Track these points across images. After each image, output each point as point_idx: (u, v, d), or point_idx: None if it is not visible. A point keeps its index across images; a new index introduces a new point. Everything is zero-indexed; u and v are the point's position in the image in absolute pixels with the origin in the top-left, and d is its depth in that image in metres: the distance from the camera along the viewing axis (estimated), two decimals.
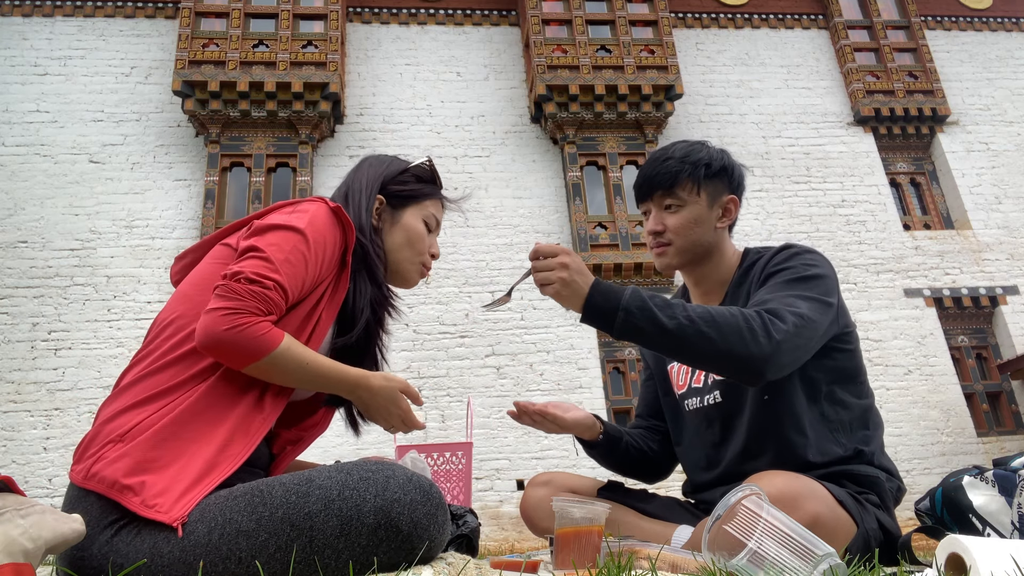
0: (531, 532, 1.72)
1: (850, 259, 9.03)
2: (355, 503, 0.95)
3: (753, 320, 1.28)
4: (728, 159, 1.61)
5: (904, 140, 9.97)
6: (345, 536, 0.94)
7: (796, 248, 1.54)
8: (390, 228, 1.39)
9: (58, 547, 0.87)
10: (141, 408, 1.05)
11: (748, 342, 1.26)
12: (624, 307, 1.28)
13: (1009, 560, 0.88)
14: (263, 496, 0.98)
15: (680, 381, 1.67)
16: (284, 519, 0.95)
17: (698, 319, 1.27)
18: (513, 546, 6.38)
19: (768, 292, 1.42)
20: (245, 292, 1.08)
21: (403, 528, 0.95)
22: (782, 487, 1.20)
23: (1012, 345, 8.75)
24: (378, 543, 0.94)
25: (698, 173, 1.54)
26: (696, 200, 1.55)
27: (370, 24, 9.76)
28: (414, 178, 1.43)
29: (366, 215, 1.34)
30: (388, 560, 0.95)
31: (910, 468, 8.02)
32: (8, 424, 7.33)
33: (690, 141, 1.62)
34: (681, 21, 10.31)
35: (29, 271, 7.92)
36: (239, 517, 0.97)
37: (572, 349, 8.28)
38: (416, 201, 1.42)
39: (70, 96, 8.78)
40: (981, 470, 1.53)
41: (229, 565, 0.95)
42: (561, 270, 1.30)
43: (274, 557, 0.94)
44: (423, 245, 1.41)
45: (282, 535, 0.95)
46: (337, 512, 0.94)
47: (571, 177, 8.88)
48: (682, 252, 1.58)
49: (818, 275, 1.45)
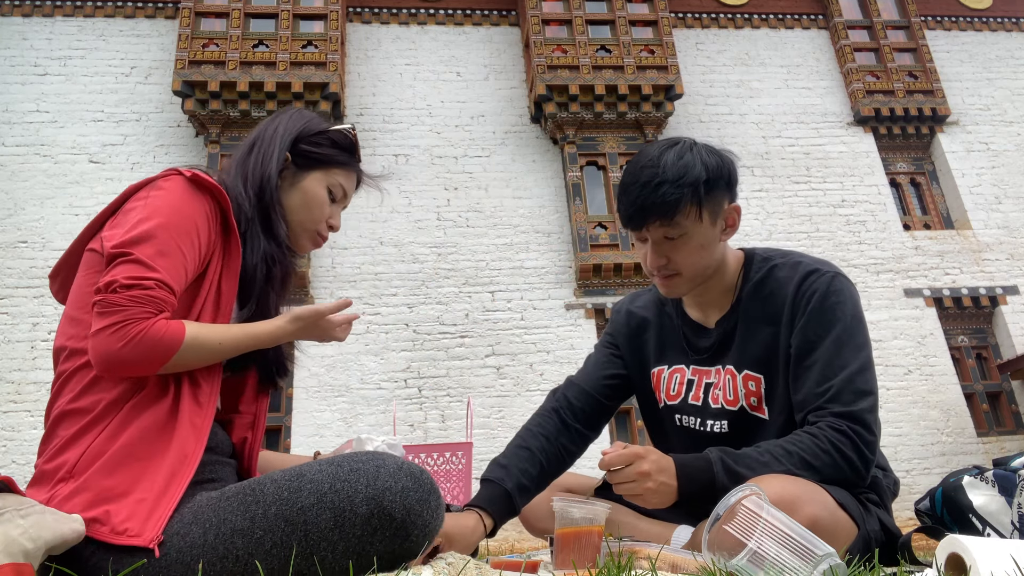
0: (529, 533, 1.70)
1: (850, 259, 9.03)
2: (347, 494, 0.95)
3: (844, 446, 1.29)
4: (721, 161, 1.42)
5: (904, 140, 9.97)
6: (339, 528, 0.94)
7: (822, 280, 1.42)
8: (289, 188, 1.32)
9: (58, 547, 0.87)
10: (78, 440, 1.01)
11: (847, 471, 1.29)
12: (721, 487, 1.23)
13: (1009, 560, 0.88)
14: (255, 494, 0.98)
15: (672, 391, 1.58)
16: (278, 515, 0.95)
17: (797, 469, 1.26)
18: (513, 546, 6.38)
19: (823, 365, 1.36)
20: (126, 300, 1.01)
21: (396, 515, 0.95)
22: (781, 490, 1.19)
23: (1012, 345, 8.75)
24: (372, 532, 0.94)
25: (699, 194, 1.35)
26: (699, 224, 1.38)
27: (370, 24, 9.76)
28: (329, 142, 1.34)
29: (275, 166, 1.28)
30: (384, 548, 0.95)
31: (910, 468, 8.02)
32: (8, 424, 7.33)
33: (676, 148, 1.40)
34: (681, 21, 10.31)
35: (29, 271, 7.92)
36: (233, 516, 0.96)
37: (572, 349, 8.28)
38: (323, 166, 1.33)
39: (70, 96, 8.78)
40: (981, 470, 1.53)
41: (227, 564, 0.94)
42: (644, 480, 1.23)
43: (271, 554, 0.94)
44: (320, 213, 1.32)
45: (277, 531, 0.94)
46: (330, 505, 0.94)
47: (571, 177, 8.88)
48: (693, 280, 1.45)
49: (857, 319, 1.40)
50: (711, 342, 1.52)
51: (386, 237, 8.56)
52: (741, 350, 1.48)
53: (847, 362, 1.35)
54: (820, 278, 1.42)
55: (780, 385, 1.43)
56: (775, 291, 1.45)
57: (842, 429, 1.30)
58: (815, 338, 1.38)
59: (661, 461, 1.26)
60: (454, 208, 8.81)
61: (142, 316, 1.01)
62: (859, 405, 1.31)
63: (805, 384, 1.37)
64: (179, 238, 1.08)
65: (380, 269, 8.40)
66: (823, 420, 1.32)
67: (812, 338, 1.38)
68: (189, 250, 1.10)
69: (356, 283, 8.31)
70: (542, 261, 8.67)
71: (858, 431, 1.30)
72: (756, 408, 1.47)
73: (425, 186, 8.87)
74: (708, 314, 1.55)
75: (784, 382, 1.43)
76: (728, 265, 1.50)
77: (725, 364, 1.50)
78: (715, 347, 1.52)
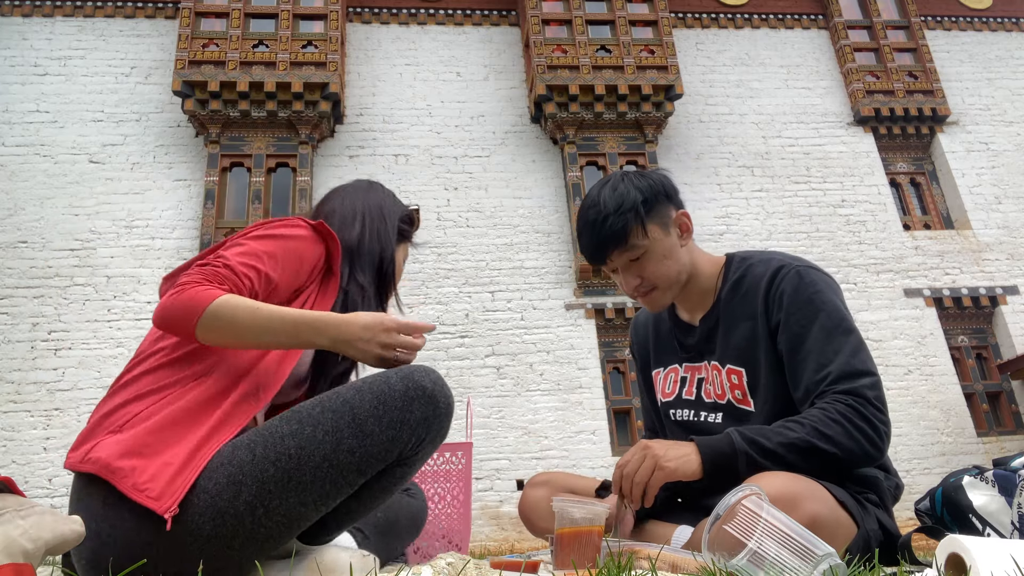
0: (530, 533, 1.71)
1: (850, 259, 9.03)
2: (383, 380, 1.08)
3: (853, 416, 1.31)
4: (654, 180, 1.53)
5: (904, 140, 9.97)
6: (383, 404, 1.05)
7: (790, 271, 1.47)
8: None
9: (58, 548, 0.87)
10: (138, 402, 1.08)
11: (861, 440, 1.31)
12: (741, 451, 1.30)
13: (1009, 560, 0.88)
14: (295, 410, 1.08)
15: (667, 389, 1.66)
16: (323, 411, 1.05)
17: (811, 437, 1.30)
18: (513, 546, 6.38)
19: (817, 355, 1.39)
20: (195, 271, 1.14)
21: (427, 387, 1.08)
22: (781, 487, 1.20)
23: (1012, 345, 8.75)
24: (410, 401, 1.06)
25: (640, 215, 1.47)
26: (653, 239, 1.49)
27: (370, 24, 9.76)
28: (410, 220, 1.59)
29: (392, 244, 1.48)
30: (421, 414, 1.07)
31: (910, 468, 8.02)
32: (8, 424, 7.33)
33: (610, 184, 1.52)
34: (681, 21, 10.31)
35: (29, 271, 7.92)
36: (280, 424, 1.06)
37: (572, 349, 8.28)
38: (405, 240, 1.58)
39: (70, 96, 8.78)
40: (981, 470, 1.53)
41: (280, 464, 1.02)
42: (651, 459, 1.30)
43: (323, 441, 1.03)
44: (399, 278, 1.53)
45: (326, 422, 1.04)
46: (370, 390, 1.07)
47: (571, 177, 8.88)
48: (669, 288, 1.54)
49: (839, 305, 1.45)
50: (696, 339, 1.60)
51: None
52: (724, 345, 1.54)
53: (839, 347, 1.38)
54: (791, 271, 1.47)
55: (762, 377, 1.47)
56: (750, 288, 1.51)
57: (847, 402, 1.32)
58: (801, 330, 1.42)
59: (683, 455, 1.31)
60: (454, 208, 8.82)
61: (196, 282, 1.11)
62: (860, 382, 1.34)
63: (803, 376, 1.40)
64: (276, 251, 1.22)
65: None
66: (827, 398, 1.35)
67: (798, 331, 1.42)
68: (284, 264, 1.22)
69: None
70: (542, 261, 8.67)
71: (863, 403, 1.32)
72: (742, 401, 1.51)
73: (425, 186, 8.87)
74: (694, 314, 1.62)
75: (765, 373, 1.46)
76: (702, 267, 1.59)
77: (711, 360, 1.57)
78: (700, 343, 1.59)
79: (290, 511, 1.02)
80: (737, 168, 9.38)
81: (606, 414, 8.07)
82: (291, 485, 1.01)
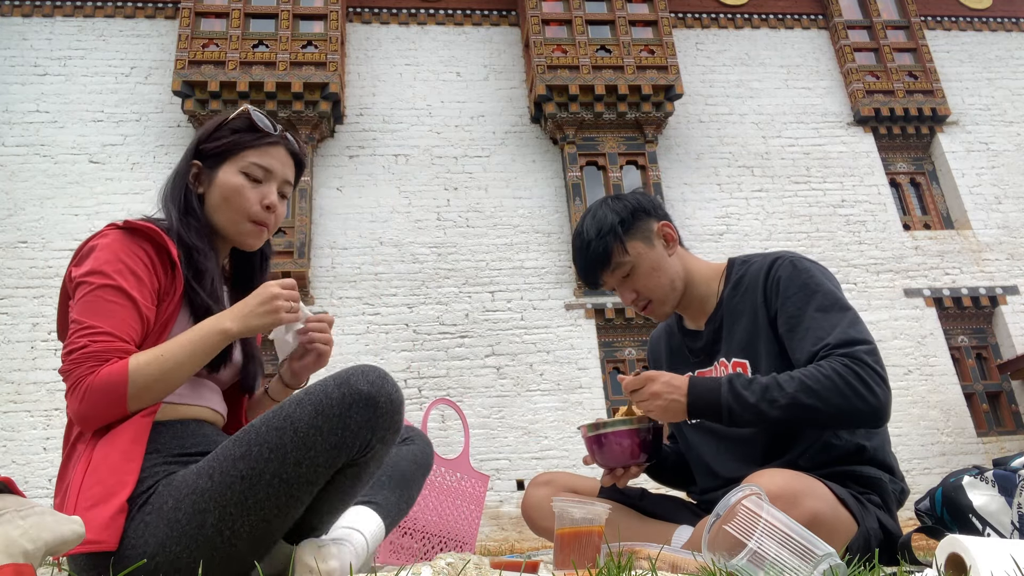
0: (532, 532, 1.73)
1: (850, 259, 9.03)
2: (320, 390, 1.07)
3: (846, 373, 1.33)
4: (629, 200, 1.63)
5: (904, 140, 9.98)
6: (321, 414, 1.04)
7: (785, 260, 1.54)
8: (209, 191, 1.32)
9: (58, 548, 0.87)
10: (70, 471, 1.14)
11: (851, 396, 1.32)
12: (727, 408, 1.38)
13: (1009, 560, 0.88)
14: (244, 431, 1.09)
15: None
16: (267, 429, 1.06)
17: (799, 393, 1.33)
18: (513, 546, 6.38)
19: (815, 330, 1.42)
20: (72, 363, 1.11)
21: (363, 389, 1.05)
22: (783, 484, 1.20)
23: (1012, 345, 8.75)
24: (348, 407, 1.05)
25: (618, 235, 1.58)
26: (636, 254, 1.59)
27: (370, 24, 9.76)
28: (229, 131, 1.33)
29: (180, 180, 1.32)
30: (362, 418, 1.05)
31: (910, 468, 8.02)
32: (8, 424, 7.33)
33: (591, 212, 1.64)
34: (681, 21, 10.31)
35: (29, 271, 7.92)
36: (231, 448, 1.07)
37: (572, 349, 8.28)
38: (231, 155, 1.31)
39: (70, 96, 8.78)
40: (981, 470, 1.53)
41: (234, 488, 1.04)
42: (655, 399, 1.42)
43: (270, 460, 1.04)
44: (241, 200, 1.30)
45: (271, 439, 1.05)
46: (309, 402, 1.06)
47: (571, 177, 8.88)
48: (667, 297, 1.62)
49: (832, 288, 1.49)
50: (704, 342, 1.64)
51: (386, 237, 8.56)
52: (728, 342, 1.58)
53: (837, 322, 1.42)
54: (785, 262, 1.54)
55: (764, 366, 1.50)
56: (750, 284, 1.57)
57: (843, 362, 1.35)
58: (798, 312, 1.46)
59: (673, 381, 1.43)
60: (454, 208, 8.81)
61: (86, 372, 1.09)
62: (857, 348, 1.37)
63: (803, 350, 1.43)
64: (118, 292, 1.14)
65: (380, 269, 8.40)
66: (824, 359, 1.38)
67: (795, 312, 1.47)
68: (140, 297, 1.16)
69: (356, 283, 8.31)
70: (542, 261, 8.67)
71: (859, 364, 1.34)
72: None
73: (425, 186, 8.88)
74: (699, 321, 1.68)
75: (768, 362, 1.50)
76: (699, 273, 1.65)
77: (719, 358, 1.60)
78: (708, 346, 1.63)
79: (254, 529, 1.05)
80: (737, 168, 9.38)
81: (606, 414, 8.06)
82: (249, 504, 1.04)
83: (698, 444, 1.64)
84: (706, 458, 1.61)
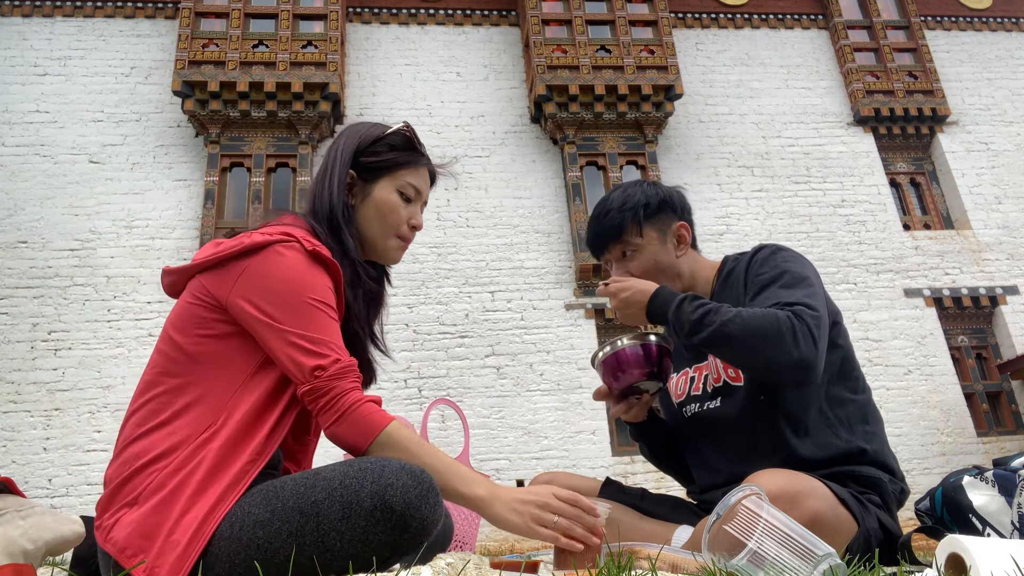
0: None
1: (850, 259, 9.03)
2: (354, 489, 1.03)
3: (782, 317, 1.34)
4: (664, 192, 1.67)
5: (904, 140, 9.98)
6: (347, 519, 1.02)
7: (769, 247, 1.59)
8: (362, 203, 1.34)
9: (58, 548, 0.87)
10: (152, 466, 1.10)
11: (783, 333, 1.32)
12: (673, 318, 1.45)
13: (1009, 560, 0.88)
14: (276, 490, 1.07)
15: (679, 391, 1.70)
16: (294, 508, 1.04)
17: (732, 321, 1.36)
18: (513, 546, 6.38)
19: (776, 297, 1.44)
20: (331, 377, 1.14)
21: (396, 508, 1.02)
22: (783, 484, 1.20)
23: (1012, 345, 8.75)
24: (375, 523, 1.02)
25: (639, 216, 1.62)
26: (647, 241, 1.63)
27: (370, 24, 9.76)
28: (387, 147, 1.36)
29: (337, 190, 1.31)
30: (385, 538, 1.02)
31: (910, 468, 8.02)
32: (8, 424, 7.33)
33: (625, 186, 1.68)
34: (681, 21, 10.31)
35: (29, 271, 7.92)
36: (256, 510, 1.06)
37: (572, 349, 8.28)
38: (389, 172, 1.35)
39: (70, 96, 8.78)
40: (981, 470, 1.53)
41: (249, 551, 1.04)
42: (620, 292, 1.52)
43: (287, 542, 1.03)
44: (395, 218, 1.35)
45: (293, 522, 1.03)
46: (339, 499, 1.03)
47: (571, 177, 8.88)
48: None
49: (801, 271, 1.51)
50: None
51: None
52: None
53: (796, 295, 1.43)
54: (767, 249, 1.59)
55: None
56: (737, 275, 1.61)
57: (785, 312, 1.36)
58: (764, 286, 1.50)
59: (641, 286, 1.52)
60: (454, 208, 8.82)
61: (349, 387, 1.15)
62: (801, 307, 1.38)
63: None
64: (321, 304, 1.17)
65: None
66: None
67: (763, 283, 1.50)
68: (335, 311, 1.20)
69: None
70: (542, 261, 8.67)
71: (798, 318, 1.35)
72: (734, 378, 1.56)
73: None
74: None
75: None
76: (702, 274, 1.68)
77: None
78: None
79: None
80: (737, 168, 9.38)
81: (606, 414, 8.06)
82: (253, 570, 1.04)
83: (697, 439, 1.65)
84: (705, 452, 1.62)
